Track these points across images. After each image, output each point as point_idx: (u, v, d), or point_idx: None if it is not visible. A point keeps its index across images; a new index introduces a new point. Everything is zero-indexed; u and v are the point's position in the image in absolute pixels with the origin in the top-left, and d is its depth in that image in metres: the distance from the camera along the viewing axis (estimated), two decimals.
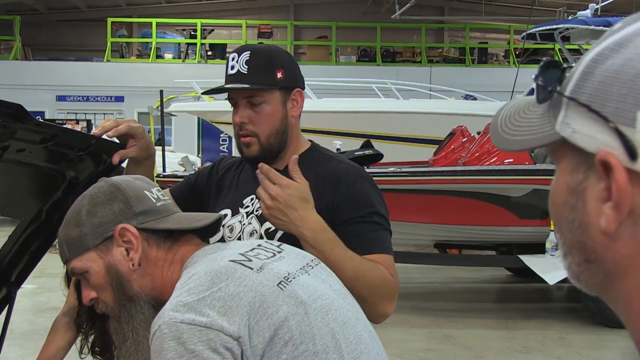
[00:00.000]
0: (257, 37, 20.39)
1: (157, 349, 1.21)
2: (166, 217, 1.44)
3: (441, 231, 7.18)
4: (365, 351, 1.35)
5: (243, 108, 1.91)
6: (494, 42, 21.59)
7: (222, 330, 1.20)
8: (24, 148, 1.79)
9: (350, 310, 1.41)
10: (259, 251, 1.40)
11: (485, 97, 11.73)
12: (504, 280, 9.16)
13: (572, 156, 0.67)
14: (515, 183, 6.74)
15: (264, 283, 1.29)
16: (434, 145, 8.82)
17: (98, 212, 1.41)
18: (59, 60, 18.99)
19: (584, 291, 0.71)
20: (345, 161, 2.00)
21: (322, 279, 1.42)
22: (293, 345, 1.24)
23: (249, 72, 1.89)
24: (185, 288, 1.27)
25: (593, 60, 0.65)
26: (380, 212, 1.90)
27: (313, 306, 1.31)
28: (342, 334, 1.31)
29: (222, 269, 1.30)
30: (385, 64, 19.23)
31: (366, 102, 10.71)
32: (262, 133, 1.91)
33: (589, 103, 0.64)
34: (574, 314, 7.14)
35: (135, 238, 1.39)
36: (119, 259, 1.40)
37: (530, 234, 6.95)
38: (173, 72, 16.55)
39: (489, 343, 6.26)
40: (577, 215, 0.66)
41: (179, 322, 1.21)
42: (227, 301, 1.23)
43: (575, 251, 0.68)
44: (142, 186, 1.47)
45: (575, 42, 10.28)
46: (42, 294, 7.31)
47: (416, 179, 6.78)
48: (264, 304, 1.25)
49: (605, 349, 6.16)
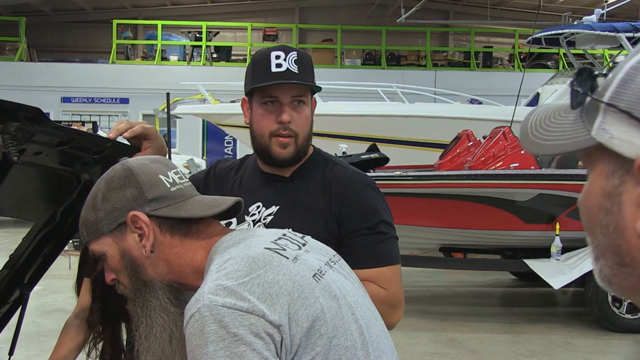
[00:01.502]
0: (262, 40, 20.42)
1: (197, 332, 1.19)
2: (180, 202, 1.42)
3: (446, 235, 7.19)
4: (385, 351, 1.37)
5: (290, 107, 1.90)
6: (498, 46, 21.59)
7: (264, 317, 1.19)
8: (40, 151, 1.80)
9: (371, 309, 1.43)
10: (286, 241, 1.39)
11: (490, 101, 11.73)
12: (508, 285, 9.15)
13: (608, 161, 0.68)
14: (521, 187, 6.74)
15: (301, 274, 1.29)
16: (439, 149, 8.82)
17: (112, 198, 1.41)
18: (64, 62, 19.02)
19: (613, 294, 0.72)
20: (349, 168, 2.00)
21: (344, 275, 1.43)
22: (327, 338, 1.24)
23: (300, 72, 1.88)
24: (223, 272, 1.26)
25: (634, 67, 0.66)
26: (386, 219, 1.92)
27: (344, 301, 1.31)
28: (367, 332, 1.33)
29: (259, 256, 1.29)
30: (390, 68, 19.24)
31: (372, 106, 10.72)
32: (301, 134, 1.92)
33: (629, 110, 0.65)
34: (579, 319, 7.13)
35: (147, 225, 1.39)
36: (132, 245, 1.40)
37: (536, 238, 6.95)
38: (178, 75, 16.58)
39: (494, 347, 6.26)
40: (612, 219, 0.67)
41: (220, 306, 1.19)
42: (267, 288, 1.23)
43: (609, 254, 0.69)
44: (158, 170, 1.45)
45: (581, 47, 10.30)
46: (48, 295, 7.32)
47: (422, 182, 6.78)
48: (302, 294, 1.25)
49: (611, 353, 6.15)
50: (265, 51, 1.93)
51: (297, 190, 1.94)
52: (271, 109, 1.91)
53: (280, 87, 1.88)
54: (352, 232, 1.86)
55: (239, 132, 10.72)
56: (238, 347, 1.17)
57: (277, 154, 1.92)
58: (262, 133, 1.93)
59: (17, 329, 2.28)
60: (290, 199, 1.93)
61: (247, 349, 1.17)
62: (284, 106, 1.89)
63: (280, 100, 1.90)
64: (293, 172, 1.97)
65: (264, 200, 1.95)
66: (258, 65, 1.91)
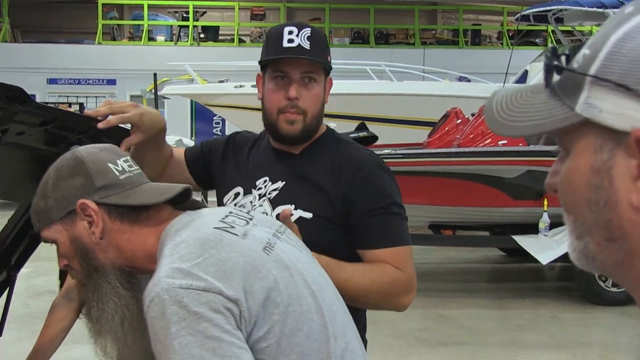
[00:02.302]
0: (249, 19, 20.29)
1: (158, 315, 1.23)
2: (129, 190, 1.45)
3: (435, 212, 7.21)
4: (338, 310, 1.44)
5: (299, 84, 1.88)
6: (487, 23, 21.55)
7: (221, 293, 1.24)
8: (23, 131, 1.79)
9: (321, 274, 1.50)
10: (234, 218, 1.43)
11: (479, 79, 11.73)
12: (497, 261, 9.22)
13: (595, 136, 0.67)
14: (509, 164, 6.77)
15: (252, 248, 1.34)
16: (428, 127, 8.82)
17: (61, 186, 1.44)
18: (49, 43, 18.84)
19: (591, 272, 0.72)
20: (361, 149, 1.98)
21: (292, 245, 1.49)
22: (283, 306, 1.29)
23: (312, 49, 1.86)
24: (176, 256, 1.30)
25: (621, 40, 0.66)
26: (398, 201, 1.90)
27: (295, 270, 1.37)
28: (320, 295, 1.39)
29: (209, 236, 1.34)
30: (379, 46, 19.18)
31: (360, 85, 10.70)
32: (309, 111, 1.89)
33: (622, 81, 0.65)
34: (567, 293, 7.21)
35: (95, 213, 1.41)
36: (82, 232, 1.43)
37: (524, 214, 7.00)
38: (165, 55, 16.46)
39: (483, 322, 6.32)
40: (602, 194, 0.67)
41: (177, 287, 1.23)
42: (221, 266, 1.27)
43: (597, 230, 0.68)
44: (107, 158, 1.47)
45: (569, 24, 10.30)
46: (38, 277, 7.32)
47: (411, 160, 6.80)
48: (255, 268, 1.30)
49: (597, 326, 6.23)
50: (279, 26, 1.92)
51: (305, 167, 1.93)
52: (280, 85, 1.89)
53: (290, 62, 1.86)
54: (366, 212, 1.85)
55: (228, 112, 10.69)
56: (200, 324, 1.21)
57: (284, 130, 1.90)
58: (271, 108, 1.91)
59: (5, 310, 2.29)
60: (297, 175, 1.92)
61: (208, 324, 1.21)
62: (292, 82, 1.87)
63: (289, 75, 1.88)
64: (303, 149, 1.96)
65: (271, 175, 1.95)
66: (271, 40, 1.91)
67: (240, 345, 1.23)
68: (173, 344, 1.21)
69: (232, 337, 1.22)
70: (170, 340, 1.21)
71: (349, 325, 1.47)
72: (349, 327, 1.46)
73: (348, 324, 1.47)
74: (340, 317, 1.43)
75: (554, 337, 5.92)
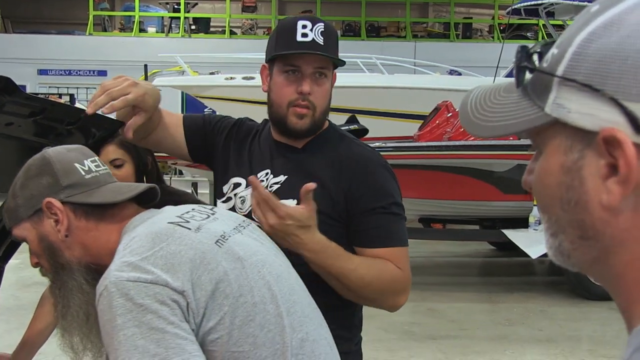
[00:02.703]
0: (241, 12, 20.22)
1: (106, 307, 1.27)
2: (94, 189, 1.50)
3: (426, 206, 7.23)
4: (298, 301, 1.46)
5: (312, 79, 1.87)
6: (478, 17, 21.54)
7: (167, 285, 1.27)
8: (12, 122, 1.78)
9: (283, 265, 1.52)
10: (194, 214, 1.47)
11: (470, 73, 11.73)
12: (487, 255, 9.25)
13: (565, 136, 0.67)
14: (499, 158, 6.79)
15: (202, 241, 1.37)
16: (419, 120, 8.82)
17: (29, 185, 1.50)
18: (40, 34, 18.71)
19: (568, 269, 0.72)
20: (363, 146, 1.98)
21: (253, 238, 1.51)
22: (233, 297, 1.32)
23: (325, 44, 1.84)
24: (128, 250, 1.34)
25: (586, 40, 0.66)
26: (399, 202, 1.90)
27: (249, 261, 1.40)
28: (276, 286, 1.41)
29: (162, 230, 1.37)
30: (370, 39, 19.14)
31: (351, 77, 10.66)
32: (319, 107, 1.88)
33: (588, 82, 0.64)
34: (556, 287, 7.24)
35: (61, 211, 1.47)
36: (49, 230, 1.48)
37: (514, 208, 7.02)
38: (156, 46, 16.37)
39: (472, 316, 6.34)
40: (573, 194, 0.67)
41: (125, 280, 1.27)
42: (170, 259, 1.31)
43: (570, 229, 0.69)
44: (74, 158, 1.52)
45: (560, 18, 10.30)
46: (26, 269, 7.23)
47: (401, 154, 6.81)
48: (204, 260, 1.33)
49: (586, 320, 6.27)
50: (292, 19, 1.90)
51: (307, 162, 1.92)
52: (292, 79, 1.87)
53: (304, 57, 1.85)
54: (366, 210, 1.84)
55: (218, 104, 10.64)
56: (145, 316, 1.24)
57: (293, 124, 1.88)
58: (280, 102, 1.89)
59: None
60: (299, 170, 1.90)
61: (153, 316, 1.24)
62: (305, 77, 1.86)
63: (302, 70, 1.86)
64: (305, 143, 1.94)
65: (273, 169, 1.93)
66: (283, 33, 1.88)
67: (185, 337, 1.26)
68: (118, 336, 1.24)
69: (177, 328, 1.25)
70: (116, 332, 1.25)
71: (311, 316, 1.48)
72: (311, 317, 1.48)
73: (310, 314, 1.48)
74: (300, 307, 1.44)
75: (543, 331, 5.95)
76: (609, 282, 0.69)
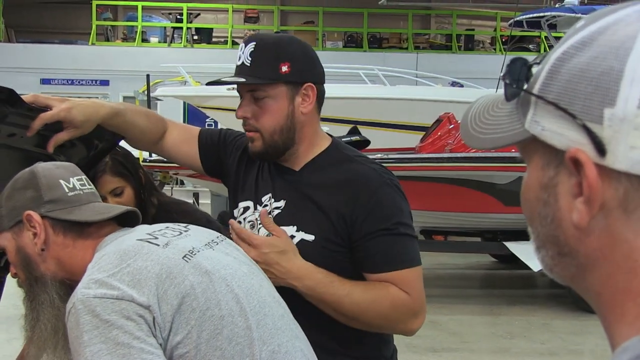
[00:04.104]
0: (243, 22, 20.28)
1: (74, 325, 1.29)
2: (75, 207, 1.52)
3: (427, 217, 7.21)
4: (270, 313, 1.46)
5: (247, 102, 1.82)
6: (480, 29, 21.59)
7: (133, 300, 1.29)
8: (14, 133, 1.78)
9: (254, 278, 1.52)
10: (166, 231, 1.50)
11: (472, 84, 11.74)
12: (488, 267, 9.23)
13: (543, 153, 0.68)
14: (501, 170, 6.78)
15: (169, 257, 1.39)
16: (420, 132, 8.82)
17: (14, 197, 1.54)
18: (43, 43, 18.78)
19: (557, 281, 0.72)
20: (366, 164, 1.86)
21: (225, 253, 1.53)
22: (200, 311, 1.34)
23: (252, 65, 1.78)
24: (96, 267, 1.37)
25: (559, 59, 0.66)
26: (404, 220, 1.81)
27: (217, 275, 1.41)
28: (245, 300, 1.42)
29: (130, 247, 1.40)
30: (372, 50, 19.18)
31: (353, 88, 10.69)
32: (264, 129, 1.80)
33: (556, 101, 0.65)
34: (558, 300, 7.21)
35: (39, 225, 1.50)
36: (27, 242, 1.52)
37: (516, 221, 6.99)
38: (159, 56, 16.41)
39: (474, 329, 6.32)
40: (549, 211, 0.68)
41: (92, 297, 1.29)
42: (136, 275, 1.33)
43: (549, 245, 0.69)
44: (60, 175, 1.55)
45: (562, 30, 10.31)
46: None
47: (403, 165, 6.80)
48: (170, 275, 1.35)
49: (588, 334, 6.24)
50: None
51: (305, 186, 1.84)
52: (239, 104, 1.85)
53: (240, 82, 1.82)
54: (368, 234, 1.76)
55: (220, 114, 10.66)
56: (111, 332, 1.27)
57: (249, 147, 1.87)
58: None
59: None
60: (298, 194, 1.84)
61: (119, 332, 1.27)
62: (243, 101, 1.83)
63: (241, 94, 1.84)
64: (303, 166, 1.88)
65: (274, 192, 1.88)
66: None
67: (151, 351, 1.27)
68: (85, 352, 1.26)
69: (143, 343, 1.27)
70: (82, 349, 1.27)
71: (284, 328, 1.48)
72: (284, 329, 1.48)
73: (283, 326, 1.48)
74: (271, 320, 1.45)
75: (545, 345, 5.92)
76: (590, 299, 0.69)
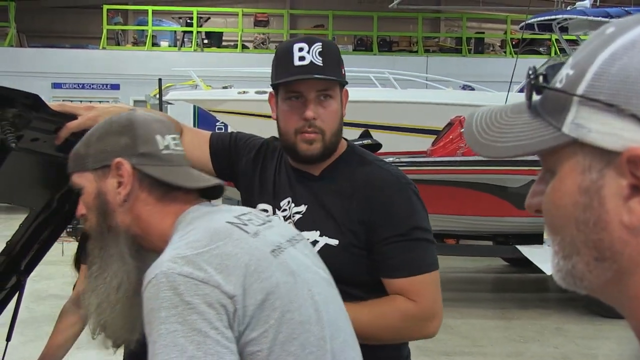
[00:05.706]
0: (253, 26, 20.34)
1: (152, 296, 1.23)
2: (167, 166, 1.46)
3: (439, 221, 7.19)
4: (342, 328, 1.40)
5: (315, 103, 1.79)
6: (490, 32, 21.57)
7: (219, 287, 1.22)
8: (38, 137, 1.79)
9: (331, 288, 1.46)
10: (251, 217, 1.43)
11: (482, 87, 11.73)
12: (500, 270, 9.20)
13: (583, 156, 0.67)
14: (513, 174, 6.76)
15: (259, 248, 1.32)
16: (432, 136, 8.83)
17: (106, 140, 1.46)
18: (54, 48, 18.89)
19: (577, 292, 0.72)
20: (384, 167, 1.87)
21: (305, 254, 1.46)
22: (281, 312, 1.27)
23: (325, 65, 1.77)
24: (184, 242, 1.30)
25: (608, 59, 0.66)
26: (421, 225, 1.81)
27: (301, 278, 1.34)
28: (324, 309, 1.35)
29: (220, 229, 1.33)
30: (382, 54, 19.20)
31: (364, 92, 10.70)
32: (329, 130, 1.81)
33: (611, 101, 0.64)
34: (571, 304, 7.18)
35: (128, 175, 1.43)
36: (109, 189, 1.44)
37: (528, 224, 6.98)
38: (169, 60, 16.50)
39: (486, 333, 6.30)
40: (592, 215, 0.67)
41: (177, 274, 1.22)
42: (224, 260, 1.26)
43: (585, 250, 0.68)
44: (157, 129, 1.49)
45: (574, 33, 10.31)
46: (41, 281, 7.31)
47: (414, 169, 6.79)
48: (258, 268, 1.28)
49: (602, 339, 6.21)
50: (287, 43, 1.85)
51: (325, 191, 1.85)
52: (296, 105, 1.81)
53: (304, 81, 1.78)
54: (384, 239, 1.76)
55: (230, 118, 10.69)
56: (190, 315, 1.20)
57: (303, 151, 1.82)
58: (287, 130, 1.84)
59: (15, 315, 2.28)
60: (318, 200, 1.85)
61: (198, 317, 1.20)
62: (308, 102, 1.79)
63: (305, 95, 1.80)
64: (322, 170, 1.88)
65: (294, 197, 1.88)
66: (280, 59, 1.83)
67: (226, 345, 1.21)
68: (160, 328, 1.20)
69: (220, 335, 1.20)
70: (157, 324, 1.21)
71: (353, 345, 1.43)
72: (352, 346, 1.43)
73: (352, 344, 1.43)
74: (343, 334, 1.39)
75: (558, 349, 5.90)
76: (623, 303, 0.69)
